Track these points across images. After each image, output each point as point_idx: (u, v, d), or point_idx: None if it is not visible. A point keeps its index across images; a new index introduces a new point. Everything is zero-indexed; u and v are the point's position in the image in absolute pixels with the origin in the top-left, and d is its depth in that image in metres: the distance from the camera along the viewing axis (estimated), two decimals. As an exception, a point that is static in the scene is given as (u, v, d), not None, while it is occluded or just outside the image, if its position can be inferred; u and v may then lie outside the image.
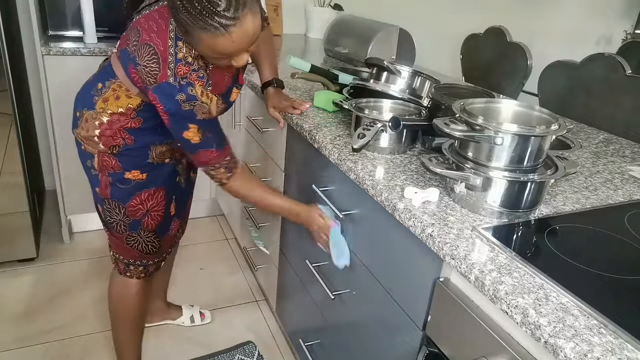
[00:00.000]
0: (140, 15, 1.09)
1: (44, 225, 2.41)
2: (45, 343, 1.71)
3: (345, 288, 1.25)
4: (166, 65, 1.02)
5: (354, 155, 1.14)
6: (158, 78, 1.02)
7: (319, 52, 2.45)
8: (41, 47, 1.94)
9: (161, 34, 1.03)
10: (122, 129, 1.18)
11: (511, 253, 0.80)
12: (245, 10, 0.92)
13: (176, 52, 1.03)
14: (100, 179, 1.23)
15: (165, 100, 1.04)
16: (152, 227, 1.32)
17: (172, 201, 1.36)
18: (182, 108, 1.04)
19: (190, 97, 1.04)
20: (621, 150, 1.42)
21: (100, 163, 1.21)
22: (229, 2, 0.89)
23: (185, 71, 1.03)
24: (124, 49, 1.10)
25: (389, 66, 1.30)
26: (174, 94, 1.03)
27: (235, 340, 1.79)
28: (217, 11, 0.89)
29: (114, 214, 1.27)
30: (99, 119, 1.18)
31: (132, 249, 1.34)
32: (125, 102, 1.17)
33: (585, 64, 1.87)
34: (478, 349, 0.78)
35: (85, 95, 1.21)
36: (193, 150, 1.13)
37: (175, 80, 1.02)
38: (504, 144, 0.87)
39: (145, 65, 1.03)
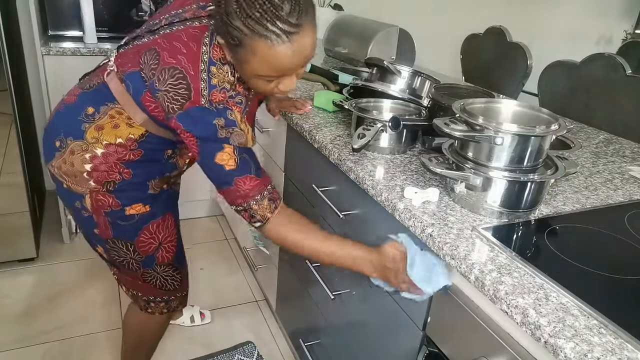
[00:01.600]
0: (155, 36, 0.95)
1: (44, 225, 2.41)
2: (45, 343, 1.71)
3: (345, 288, 1.25)
4: (199, 91, 0.88)
5: (354, 155, 1.14)
6: (186, 105, 0.88)
7: (319, 52, 2.46)
8: (41, 47, 1.94)
9: (192, 57, 0.88)
10: (119, 162, 1.02)
11: (511, 253, 0.80)
12: (307, 17, 0.81)
13: (210, 77, 0.88)
14: (97, 221, 1.06)
15: (196, 126, 0.89)
16: (169, 260, 1.18)
17: (179, 225, 1.23)
18: (218, 135, 0.89)
19: (230, 122, 0.89)
20: (621, 150, 1.42)
21: (93, 204, 1.04)
22: (292, 7, 0.79)
23: (221, 98, 0.89)
24: (133, 72, 0.95)
25: (389, 66, 1.30)
26: (210, 119, 0.88)
27: (235, 340, 1.79)
28: (280, 15, 0.78)
29: (122, 253, 1.11)
30: (90, 151, 1.00)
31: (150, 286, 1.20)
32: (126, 131, 1.00)
33: (585, 64, 1.87)
34: (478, 349, 0.78)
35: (69, 120, 1.02)
36: (228, 181, 0.93)
37: (211, 105, 0.88)
38: (504, 144, 0.87)
39: (168, 90, 0.88)
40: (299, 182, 1.46)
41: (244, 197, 0.94)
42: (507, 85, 2.28)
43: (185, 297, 1.34)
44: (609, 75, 1.77)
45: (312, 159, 1.34)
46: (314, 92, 1.54)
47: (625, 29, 3.50)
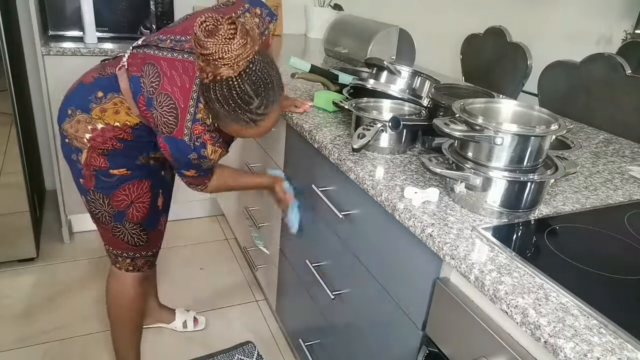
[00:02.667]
0: (159, 53, 1.13)
1: (44, 225, 2.41)
2: (45, 343, 1.71)
3: (345, 288, 1.25)
4: (184, 123, 1.08)
5: (354, 155, 1.14)
6: (173, 132, 1.09)
7: (319, 52, 2.45)
8: (41, 47, 1.94)
9: (184, 92, 1.08)
10: (114, 137, 1.19)
11: (511, 253, 0.80)
12: (273, 106, 1.01)
13: (195, 112, 1.08)
14: (84, 173, 1.24)
15: (176, 153, 1.12)
16: (137, 219, 1.31)
17: (159, 195, 1.36)
18: (190, 163, 1.14)
19: (202, 156, 1.12)
20: (621, 150, 1.42)
21: (87, 159, 1.21)
22: (260, 102, 0.97)
23: (200, 130, 1.09)
24: (136, 76, 1.13)
25: (389, 66, 1.30)
26: (186, 153, 1.11)
27: (235, 340, 1.79)
28: (250, 109, 0.97)
29: (98, 204, 1.27)
30: (92, 124, 1.18)
31: (118, 240, 1.33)
32: (124, 118, 1.18)
33: (585, 64, 1.87)
34: (478, 349, 0.78)
35: (81, 97, 1.20)
36: (185, 178, 1.22)
37: (190, 140, 1.09)
38: (504, 144, 0.87)
39: (162, 114, 1.09)
40: (299, 182, 1.46)
41: (190, 183, 1.25)
42: (507, 85, 2.28)
43: (150, 258, 1.44)
44: (609, 75, 1.77)
45: (312, 159, 1.34)
46: (314, 92, 1.54)
47: (625, 29, 3.50)
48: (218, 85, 0.94)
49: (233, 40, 0.90)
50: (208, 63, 0.92)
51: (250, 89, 0.95)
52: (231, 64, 0.91)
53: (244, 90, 0.95)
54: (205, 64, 0.92)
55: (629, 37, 3.43)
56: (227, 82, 0.93)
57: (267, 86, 0.97)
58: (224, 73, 0.92)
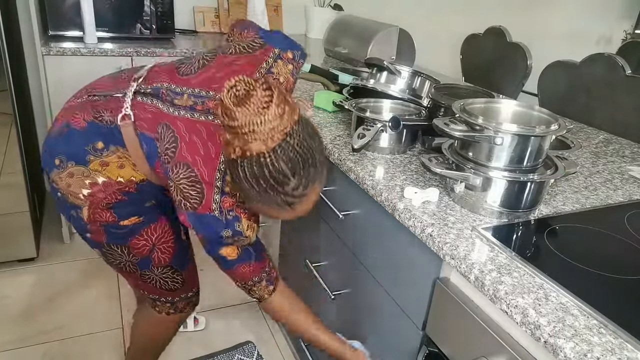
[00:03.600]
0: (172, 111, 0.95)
1: (44, 225, 2.41)
2: (45, 343, 1.71)
3: (345, 288, 1.25)
4: (211, 197, 0.90)
5: (354, 155, 1.14)
6: (199, 208, 0.90)
7: (319, 52, 2.45)
8: (41, 47, 1.94)
9: (208, 162, 0.90)
10: (118, 192, 1.02)
11: (511, 253, 0.80)
12: (313, 185, 0.83)
13: (223, 185, 0.90)
14: (90, 228, 1.05)
15: (205, 231, 0.93)
16: (167, 262, 1.16)
17: (181, 228, 1.20)
18: (224, 241, 0.94)
19: (236, 232, 0.93)
20: (621, 150, 1.42)
21: (90, 216, 1.02)
22: (298, 182, 0.80)
23: (231, 203, 0.91)
24: (150, 137, 0.96)
25: (389, 66, 1.30)
26: (218, 230, 0.92)
27: (235, 341, 1.79)
28: (285, 190, 0.80)
29: (117, 255, 1.10)
30: (91, 178, 0.99)
31: (151, 286, 1.18)
32: (129, 173, 1.00)
33: (585, 64, 1.87)
34: (478, 349, 0.78)
35: (75, 147, 0.99)
36: (229, 267, 1.00)
37: (221, 214, 0.91)
38: (504, 144, 0.87)
39: (181, 189, 0.91)
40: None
41: (244, 279, 1.03)
42: (507, 85, 2.28)
43: (192, 299, 1.30)
44: (609, 75, 1.77)
45: (312, 159, 1.34)
46: (314, 92, 1.54)
47: (625, 29, 3.51)
48: (247, 162, 0.77)
49: (268, 110, 0.75)
50: (236, 136, 0.76)
51: (286, 167, 0.78)
52: (264, 138, 0.75)
53: (279, 169, 0.77)
54: (233, 137, 0.77)
55: (629, 37, 3.43)
56: (257, 158, 0.77)
57: (307, 162, 0.80)
58: (255, 148, 0.76)
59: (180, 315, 1.29)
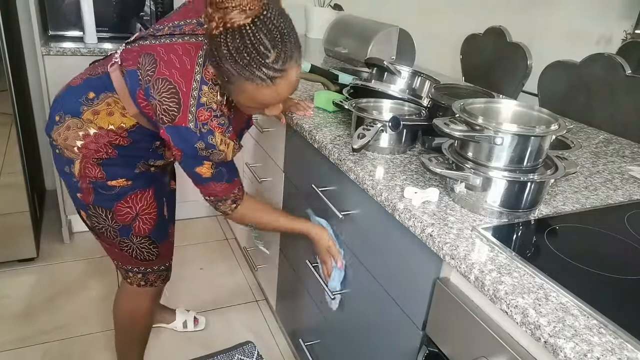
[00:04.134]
0: (156, 42, 1.03)
1: (44, 225, 2.41)
2: (45, 343, 1.71)
3: (345, 288, 1.25)
4: (187, 108, 0.97)
5: (354, 155, 1.14)
6: (176, 119, 0.98)
7: (319, 52, 2.46)
8: (41, 47, 1.94)
9: (185, 73, 0.97)
10: (108, 144, 1.11)
11: (511, 253, 0.80)
12: (291, 62, 0.89)
13: (200, 95, 0.97)
14: (80, 186, 1.15)
15: (181, 144, 1.00)
16: (146, 232, 1.23)
17: (164, 203, 1.28)
18: (199, 154, 1.01)
19: (209, 145, 1.00)
20: (621, 150, 1.42)
21: (81, 170, 1.12)
22: (277, 54, 0.87)
23: (207, 116, 0.98)
24: (132, 70, 1.04)
25: (389, 66, 1.30)
26: (193, 141, 0.99)
27: (235, 340, 1.79)
28: (266, 63, 0.86)
29: (101, 220, 1.18)
30: (84, 129, 1.10)
31: (127, 255, 1.25)
32: (119, 120, 1.09)
33: (585, 64, 1.87)
34: (478, 349, 0.78)
35: (71, 99, 1.12)
36: (202, 182, 1.10)
37: (195, 127, 0.98)
38: (504, 144, 0.87)
39: (161, 102, 0.98)
40: (299, 182, 1.46)
41: (213, 195, 1.14)
42: (507, 85, 2.28)
43: (163, 272, 1.38)
44: (609, 75, 1.77)
45: (312, 158, 1.34)
46: (314, 92, 1.54)
47: (625, 29, 3.51)
48: (230, 35, 0.84)
49: None
50: (217, 9, 0.83)
51: (265, 39, 0.85)
52: (243, 6, 0.82)
53: (259, 40, 0.84)
54: (214, 11, 0.83)
55: (629, 37, 3.44)
56: (239, 30, 0.83)
57: (284, 37, 0.87)
58: (235, 18, 0.83)
59: (151, 289, 1.37)
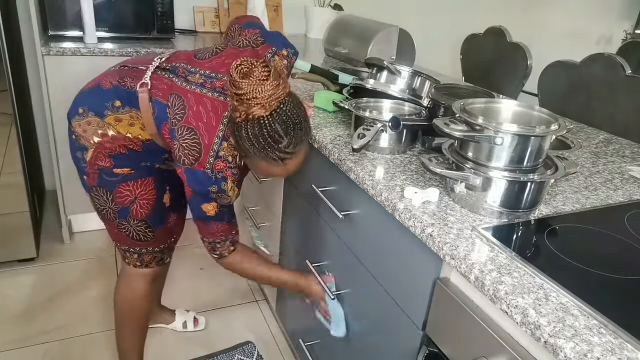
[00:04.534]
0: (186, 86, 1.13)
1: (44, 225, 2.41)
2: (45, 343, 1.71)
3: (345, 288, 1.25)
4: (206, 158, 1.08)
5: (354, 155, 1.14)
6: (194, 165, 1.09)
7: (319, 52, 2.45)
8: (41, 47, 1.94)
9: (210, 129, 1.09)
10: (122, 146, 1.20)
11: (511, 253, 0.80)
12: (301, 146, 1.04)
13: (219, 149, 1.09)
14: (87, 171, 1.24)
15: (196, 185, 1.11)
16: (142, 216, 1.30)
17: (166, 191, 1.34)
18: (210, 195, 1.12)
19: (221, 190, 1.11)
20: (621, 150, 1.42)
21: (93, 159, 1.21)
22: (289, 141, 1.00)
23: (222, 166, 1.10)
24: (162, 104, 1.14)
25: (389, 66, 1.30)
26: (206, 185, 1.10)
27: (235, 341, 1.79)
28: (279, 147, 1.00)
29: (102, 201, 1.27)
30: (104, 129, 1.19)
31: (124, 235, 1.33)
32: (137, 131, 1.19)
33: (585, 64, 1.87)
34: (478, 349, 0.78)
35: (97, 100, 1.20)
36: (205, 221, 1.17)
37: (212, 173, 1.09)
38: (504, 144, 0.87)
39: (184, 146, 1.09)
40: (299, 182, 1.46)
41: (212, 235, 1.20)
42: (507, 85, 2.28)
43: (157, 254, 1.42)
44: (609, 75, 1.77)
45: (312, 159, 1.34)
46: (314, 92, 1.54)
47: (625, 29, 3.51)
48: (250, 124, 0.97)
49: (266, 81, 0.95)
50: (242, 102, 0.96)
51: (280, 128, 0.98)
52: (263, 103, 0.95)
53: (274, 129, 0.98)
54: (239, 104, 0.97)
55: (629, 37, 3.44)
56: (258, 121, 0.97)
57: (296, 126, 1.01)
58: (256, 112, 0.96)
59: (147, 270, 1.42)
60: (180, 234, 1.50)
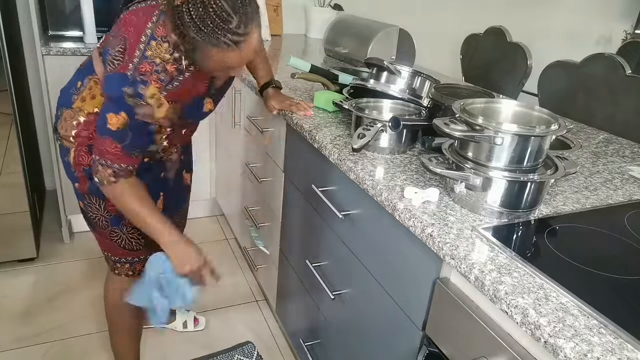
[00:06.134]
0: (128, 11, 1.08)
1: (44, 225, 2.41)
2: (45, 343, 1.71)
3: (346, 288, 1.25)
4: (131, 58, 1.00)
5: (354, 155, 1.14)
6: (118, 68, 1.01)
7: (319, 52, 2.45)
8: (41, 47, 1.94)
9: (137, 28, 1.02)
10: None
11: (511, 253, 0.80)
12: (252, 25, 0.94)
13: (146, 49, 1.01)
14: (77, 175, 1.21)
15: (111, 88, 1.02)
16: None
17: (160, 197, 1.32)
18: (124, 99, 1.01)
19: (137, 94, 1.01)
20: (621, 150, 1.42)
21: (76, 158, 1.19)
22: (240, 19, 0.91)
23: (147, 69, 1.01)
24: (104, 42, 1.11)
25: (389, 66, 1.30)
26: (122, 85, 1.00)
27: (234, 340, 1.79)
28: (230, 28, 0.90)
29: (94, 209, 1.24)
30: (76, 118, 1.17)
31: (116, 245, 1.30)
32: (101, 100, 1.13)
33: (585, 64, 1.87)
34: (478, 349, 0.78)
35: (66, 93, 1.20)
36: (101, 133, 1.05)
37: (131, 75, 1.00)
38: (504, 144, 0.87)
39: (114, 55, 1.02)
40: (299, 182, 1.46)
41: (100, 153, 1.06)
42: (507, 85, 2.28)
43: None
44: (609, 75, 1.77)
45: (312, 159, 1.34)
46: (314, 92, 1.54)
47: (625, 29, 3.50)
48: (192, 5, 0.88)
49: None
50: None
51: (227, 5, 0.89)
52: None
53: (220, 7, 0.89)
54: None
55: (629, 37, 3.43)
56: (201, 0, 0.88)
57: (244, 1, 0.91)
58: None
59: (138, 277, 1.33)
60: None
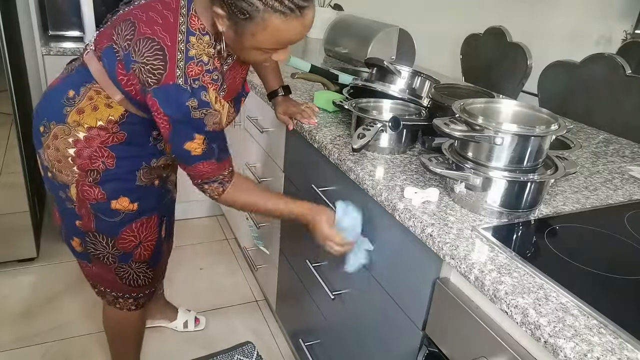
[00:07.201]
0: (130, 7, 0.95)
1: (44, 225, 2.41)
2: (45, 343, 1.71)
3: (346, 288, 1.25)
4: (174, 63, 0.87)
5: (354, 155, 1.14)
6: (162, 78, 0.87)
7: (319, 52, 2.45)
8: (41, 47, 1.95)
9: (168, 27, 0.88)
10: (102, 145, 1.01)
11: (511, 253, 0.80)
12: None
13: (187, 48, 0.87)
14: (79, 213, 1.06)
15: (169, 106, 0.89)
16: (146, 258, 1.19)
17: (163, 224, 1.24)
18: (191, 116, 0.89)
19: (203, 103, 0.89)
20: (621, 150, 1.42)
21: (79, 194, 1.03)
22: None
23: (197, 71, 0.88)
24: (107, 47, 0.94)
25: (389, 66, 1.30)
26: (183, 100, 0.88)
27: (234, 341, 1.79)
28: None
29: (100, 247, 1.11)
30: (73, 135, 0.99)
31: (121, 282, 1.19)
32: (105, 113, 0.99)
33: (585, 64, 1.87)
34: (478, 349, 0.78)
35: (51, 104, 1.01)
36: (191, 163, 0.98)
37: (185, 83, 0.87)
38: (504, 144, 0.87)
39: (145, 62, 0.87)
40: (299, 182, 1.46)
41: (200, 176, 1.01)
42: (507, 85, 2.28)
43: (153, 294, 1.33)
44: (609, 75, 1.77)
45: (312, 159, 1.34)
46: (314, 92, 1.53)
47: (625, 29, 3.51)
48: None
49: None
50: None
51: None
52: None
53: None
54: None
55: (629, 37, 3.44)
56: None
57: None
58: None
59: (143, 309, 1.31)
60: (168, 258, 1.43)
